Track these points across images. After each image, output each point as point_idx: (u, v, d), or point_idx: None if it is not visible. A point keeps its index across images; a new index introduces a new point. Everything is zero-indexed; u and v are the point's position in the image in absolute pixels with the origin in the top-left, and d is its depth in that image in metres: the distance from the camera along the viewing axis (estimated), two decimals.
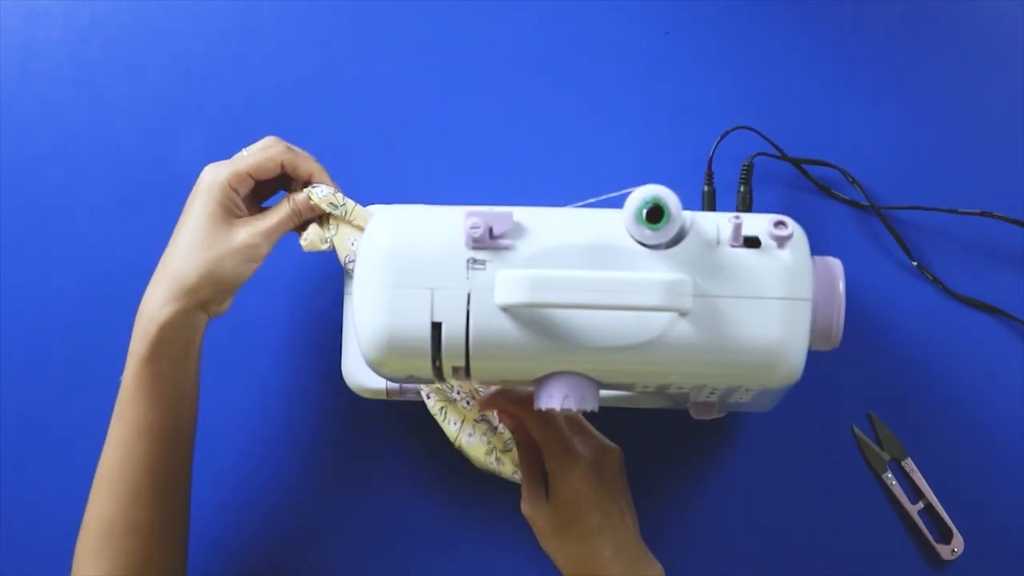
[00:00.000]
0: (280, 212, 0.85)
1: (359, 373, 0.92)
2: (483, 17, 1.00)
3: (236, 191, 0.84)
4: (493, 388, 0.88)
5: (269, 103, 1.00)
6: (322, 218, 0.87)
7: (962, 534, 0.94)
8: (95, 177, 0.99)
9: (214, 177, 0.84)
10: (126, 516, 0.82)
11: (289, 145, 0.87)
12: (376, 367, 0.77)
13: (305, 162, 0.86)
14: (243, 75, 1.00)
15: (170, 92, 1.00)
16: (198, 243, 0.82)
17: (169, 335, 0.81)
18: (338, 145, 0.99)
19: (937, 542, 0.94)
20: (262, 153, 0.85)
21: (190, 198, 0.84)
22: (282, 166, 0.86)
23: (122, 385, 0.82)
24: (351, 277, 0.88)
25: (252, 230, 0.83)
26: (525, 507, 0.86)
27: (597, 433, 0.88)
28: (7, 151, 1.00)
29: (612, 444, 0.87)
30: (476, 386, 0.91)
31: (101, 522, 0.82)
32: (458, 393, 0.91)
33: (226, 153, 0.99)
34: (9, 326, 0.98)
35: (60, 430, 0.97)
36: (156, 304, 0.81)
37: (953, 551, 0.94)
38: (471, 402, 0.90)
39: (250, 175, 0.85)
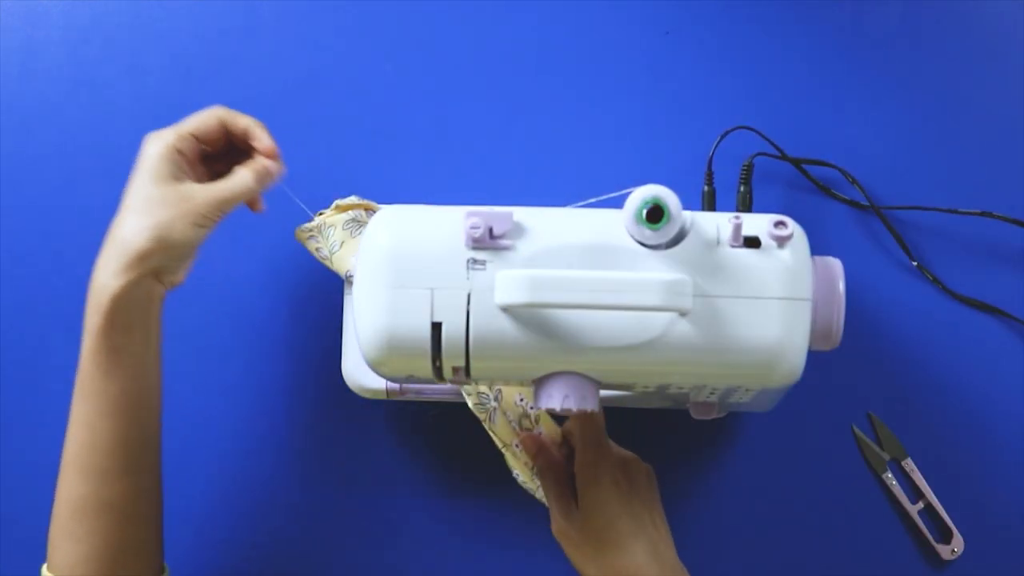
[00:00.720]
0: (235, 180, 0.82)
1: (359, 373, 0.92)
2: (483, 17, 1.00)
3: (181, 152, 0.82)
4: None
5: (269, 103, 1.00)
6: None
7: (962, 534, 0.94)
8: (95, 177, 0.99)
9: (157, 141, 0.81)
10: (97, 495, 0.80)
11: (226, 107, 0.85)
12: (376, 367, 0.77)
13: (242, 117, 0.85)
14: (243, 75, 1.00)
15: (170, 92, 1.00)
16: (144, 208, 0.79)
17: (123, 305, 0.79)
18: (338, 145, 0.99)
19: (937, 542, 0.94)
20: (200, 113, 0.84)
21: (135, 166, 0.82)
22: (220, 120, 0.84)
23: (80, 362, 0.80)
24: (351, 284, 0.88)
25: (203, 195, 0.81)
26: (556, 523, 0.85)
27: (626, 452, 0.89)
28: (7, 151, 1.00)
29: (644, 463, 0.88)
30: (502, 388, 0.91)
31: (72, 503, 0.80)
32: (496, 400, 0.90)
33: None
34: (9, 326, 0.98)
35: (58, 428, 0.97)
36: (107, 275, 0.79)
37: (953, 551, 0.94)
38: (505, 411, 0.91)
39: (192, 134, 0.83)
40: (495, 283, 0.72)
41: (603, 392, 0.78)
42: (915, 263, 0.96)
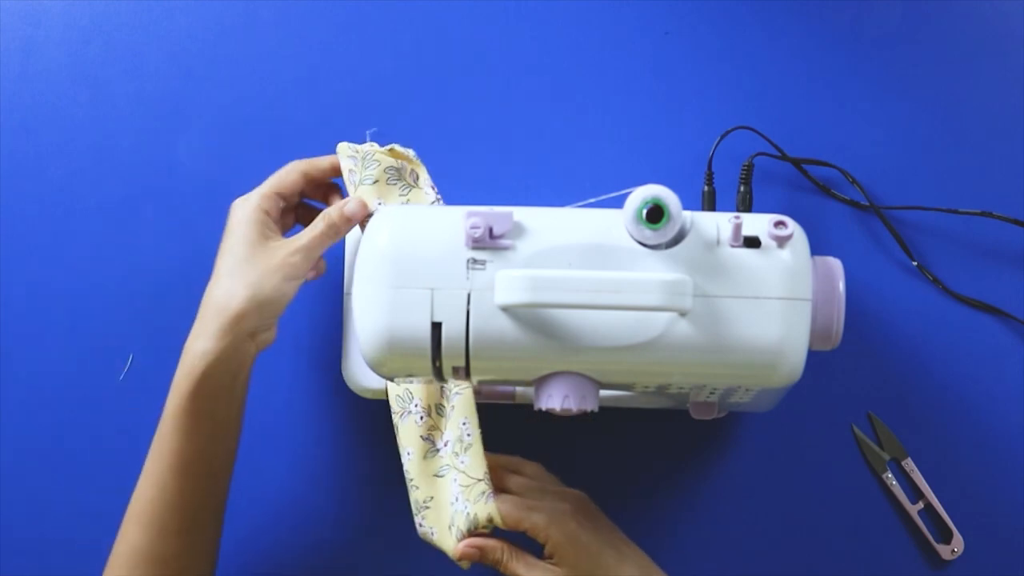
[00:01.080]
0: (316, 227, 0.84)
1: (359, 373, 0.92)
2: (483, 17, 1.00)
3: (268, 213, 0.84)
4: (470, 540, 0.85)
5: (269, 103, 1.00)
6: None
7: (962, 534, 0.94)
8: (95, 177, 0.99)
9: (243, 205, 0.84)
10: (152, 548, 0.81)
11: (305, 159, 0.88)
12: (376, 367, 0.77)
13: (322, 160, 0.88)
14: (243, 75, 1.00)
15: (170, 92, 1.00)
16: (236, 271, 0.81)
17: (215, 371, 0.80)
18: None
19: (937, 542, 0.94)
20: (281, 170, 0.87)
21: (225, 233, 0.84)
22: (302, 173, 0.87)
23: (162, 419, 0.82)
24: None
25: (289, 247, 0.83)
26: None
27: (555, 486, 0.87)
28: (7, 151, 1.00)
29: (574, 490, 0.87)
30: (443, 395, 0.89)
31: (129, 555, 0.81)
32: (415, 406, 0.89)
33: (225, 153, 0.99)
34: (8, 326, 0.98)
35: (58, 428, 0.97)
36: (203, 340, 0.80)
37: (953, 551, 0.94)
38: (423, 418, 0.89)
39: (277, 193, 0.85)
40: (495, 283, 0.72)
41: (603, 392, 0.78)
42: (915, 263, 0.96)
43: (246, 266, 0.81)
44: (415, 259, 0.75)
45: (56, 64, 1.00)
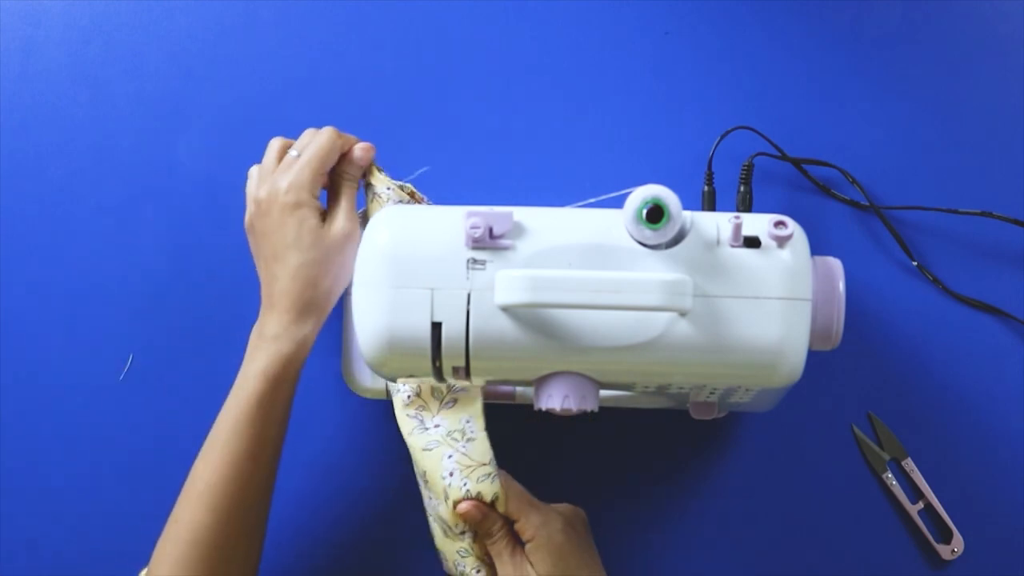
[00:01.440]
0: (343, 191, 0.86)
1: (359, 373, 0.92)
2: (483, 17, 1.00)
3: (316, 196, 0.85)
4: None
5: (269, 103, 1.00)
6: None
7: (962, 534, 0.94)
8: (95, 177, 0.99)
9: (298, 193, 0.84)
10: (218, 529, 0.82)
11: (335, 129, 0.88)
12: (376, 367, 0.77)
13: (351, 137, 0.88)
14: (243, 75, 1.00)
15: (170, 92, 1.00)
16: (314, 261, 0.83)
17: (303, 357, 0.83)
18: None
19: (937, 542, 0.94)
20: (323, 150, 0.86)
21: (279, 215, 0.84)
22: (340, 150, 0.87)
23: (241, 402, 0.82)
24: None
25: (340, 217, 0.85)
26: None
27: (557, 504, 0.86)
28: (7, 151, 1.00)
29: (577, 507, 0.86)
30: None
31: (192, 529, 0.82)
32: (436, 426, 0.88)
33: (225, 153, 0.99)
34: (8, 326, 0.98)
35: (58, 428, 0.97)
36: (302, 329, 0.83)
37: (953, 551, 0.94)
38: (411, 396, 0.88)
39: (323, 173, 0.86)
40: (495, 283, 0.72)
41: (603, 392, 0.78)
42: (915, 263, 0.96)
43: (320, 254, 0.83)
44: (415, 259, 0.75)
45: (56, 64, 1.01)
